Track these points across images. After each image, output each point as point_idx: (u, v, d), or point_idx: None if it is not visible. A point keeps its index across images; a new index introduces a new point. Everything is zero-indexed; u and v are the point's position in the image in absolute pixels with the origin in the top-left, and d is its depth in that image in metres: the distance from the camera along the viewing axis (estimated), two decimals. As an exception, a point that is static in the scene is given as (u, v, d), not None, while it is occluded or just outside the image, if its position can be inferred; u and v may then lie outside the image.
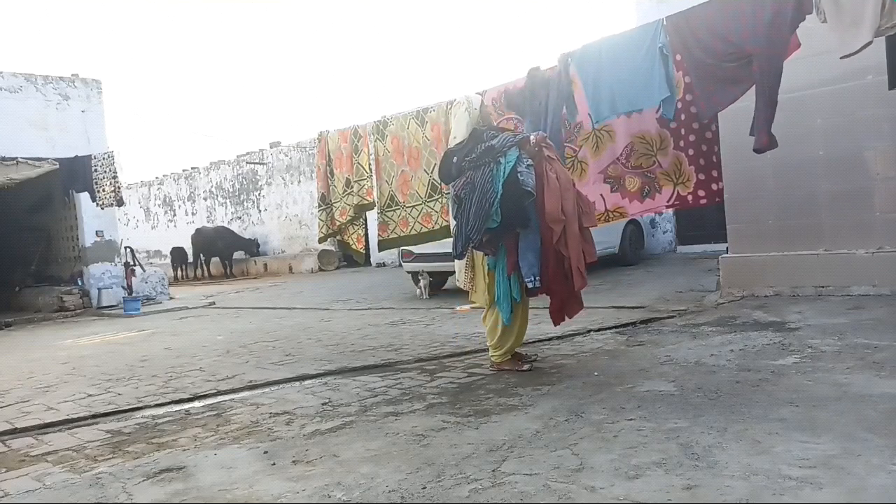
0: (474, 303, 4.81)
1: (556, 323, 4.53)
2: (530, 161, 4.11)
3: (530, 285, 4.19)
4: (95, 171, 11.36)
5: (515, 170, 4.04)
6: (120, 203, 11.46)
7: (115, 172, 11.26)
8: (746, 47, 3.87)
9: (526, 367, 4.43)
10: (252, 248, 20.99)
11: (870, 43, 3.53)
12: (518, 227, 4.12)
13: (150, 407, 4.49)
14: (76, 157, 11.47)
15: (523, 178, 4.05)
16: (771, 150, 6.30)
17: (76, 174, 11.59)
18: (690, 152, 4.83)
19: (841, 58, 3.72)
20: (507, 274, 4.24)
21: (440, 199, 5.80)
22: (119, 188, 11.30)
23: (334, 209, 6.54)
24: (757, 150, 4.00)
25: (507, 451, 2.94)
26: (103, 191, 11.28)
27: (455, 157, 4.27)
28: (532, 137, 4.18)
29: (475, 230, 4.10)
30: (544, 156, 4.15)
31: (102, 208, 11.70)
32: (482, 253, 4.40)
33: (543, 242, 4.13)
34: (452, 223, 5.71)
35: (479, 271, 4.51)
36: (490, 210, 4.05)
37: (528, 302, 4.49)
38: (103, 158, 11.36)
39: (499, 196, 4.01)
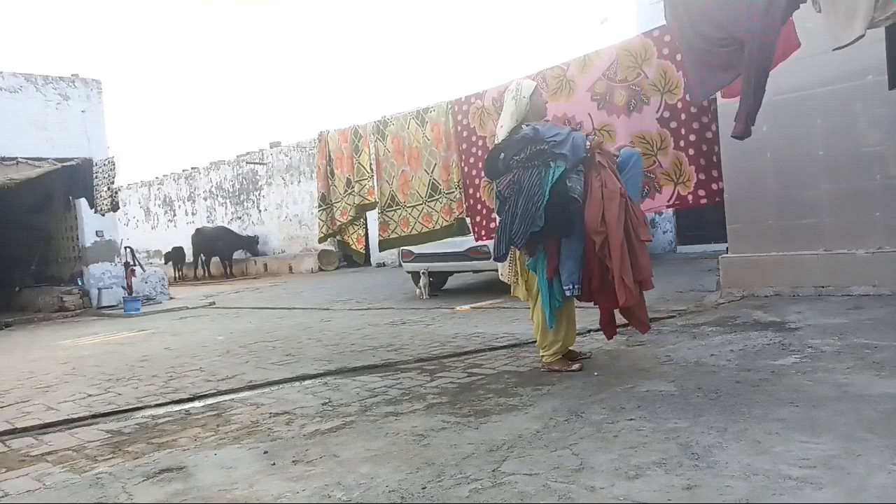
0: (516, 297, 4.68)
1: (607, 336, 4.51)
2: (581, 168, 4.04)
3: (568, 293, 4.11)
4: (96, 177, 11.39)
5: (565, 176, 3.97)
6: (115, 208, 11.47)
7: (112, 179, 11.29)
8: (739, 34, 3.88)
9: (575, 366, 4.31)
10: (252, 245, 20.94)
11: (862, 35, 3.53)
12: (560, 234, 4.04)
13: (150, 407, 4.49)
14: (77, 164, 11.49)
15: (571, 184, 3.98)
16: (770, 150, 6.30)
17: (76, 181, 11.66)
18: (691, 152, 4.83)
19: (833, 49, 3.72)
20: (546, 278, 4.16)
21: (441, 199, 5.80)
22: (116, 193, 11.32)
23: (335, 209, 6.54)
24: (734, 136, 4.02)
25: (507, 451, 2.93)
26: (101, 197, 11.31)
27: (503, 154, 4.14)
28: (587, 143, 4.06)
29: (519, 234, 4.02)
30: (595, 162, 4.04)
31: (103, 214, 11.71)
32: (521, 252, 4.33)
33: (587, 252, 4.05)
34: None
35: (521, 268, 4.44)
36: (535, 214, 3.97)
37: (574, 304, 4.37)
38: (104, 165, 11.38)
39: (545, 201, 3.94)
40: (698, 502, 2.29)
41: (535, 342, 5.47)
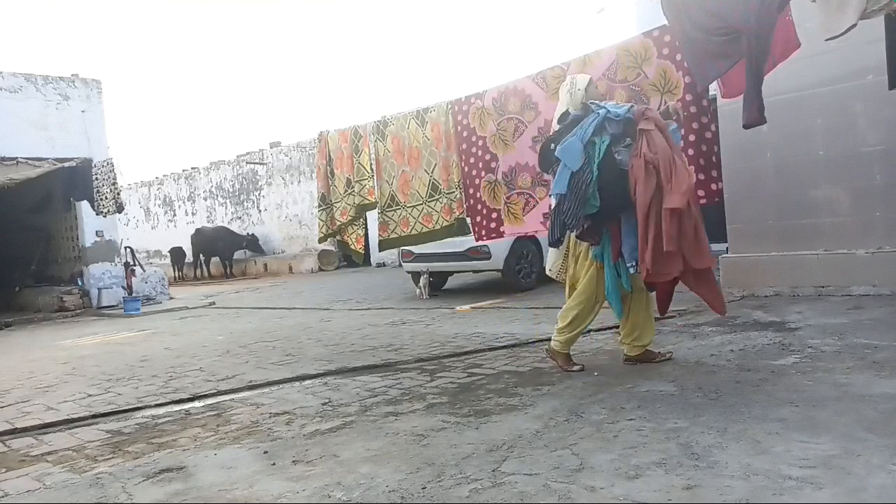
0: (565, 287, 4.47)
1: (660, 310, 4.31)
2: (630, 140, 3.87)
3: (632, 270, 3.97)
4: (96, 178, 11.38)
5: (611, 149, 3.82)
6: (120, 209, 11.46)
7: (114, 179, 11.27)
8: (735, 24, 3.89)
9: (576, 367, 4.25)
10: (253, 244, 20.84)
11: (854, 25, 3.53)
12: (619, 210, 3.88)
13: (150, 407, 4.49)
14: (76, 166, 11.49)
15: (621, 157, 3.84)
16: (770, 150, 6.29)
17: (76, 183, 11.64)
18: (690, 152, 4.82)
19: (826, 40, 3.73)
20: (612, 262, 4.02)
21: (441, 199, 5.80)
22: (119, 194, 11.31)
23: (335, 209, 6.54)
24: (746, 126, 4.01)
25: (507, 451, 2.93)
26: (104, 198, 11.30)
27: (553, 144, 4.05)
28: (630, 112, 3.89)
29: (571, 215, 3.88)
30: (639, 130, 3.86)
31: (106, 216, 11.71)
32: (587, 243, 4.15)
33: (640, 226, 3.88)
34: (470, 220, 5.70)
35: (573, 262, 4.29)
36: (587, 193, 3.83)
37: (644, 296, 4.22)
38: (103, 166, 11.37)
39: (594, 178, 3.80)
40: (698, 502, 2.29)
41: (536, 341, 5.48)
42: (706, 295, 3.98)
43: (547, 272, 4.58)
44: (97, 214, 11.65)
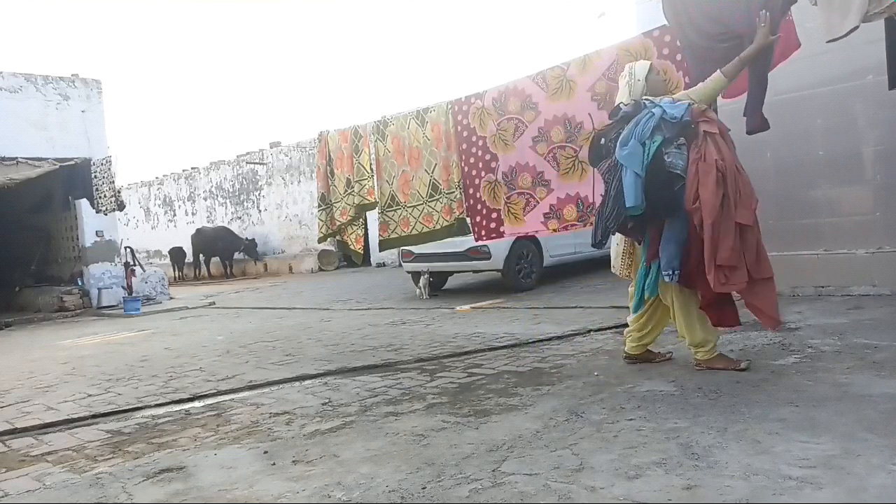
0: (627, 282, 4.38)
1: (711, 319, 3.95)
2: (683, 140, 3.69)
3: (666, 279, 3.79)
4: (95, 177, 11.38)
5: (662, 150, 3.66)
6: (121, 207, 11.46)
7: (112, 177, 11.27)
8: (738, 29, 3.88)
9: (743, 364, 3.91)
10: (251, 249, 20.61)
11: (856, 27, 3.53)
12: (664, 215, 3.73)
13: (150, 407, 4.49)
14: (75, 164, 11.48)
15: (670, 159, 3.67)
16: (770, 150, 6.29)
17: (75, 181, 11.64)
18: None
19: (828, 41, 3.71)
20: (646, 264, 3.93)
21: (441, 199, 5.79)
22: (118, 193, 11.31)
23: (334, 209, 6.53)
24: (749, 132, 4.00)
25: (507, 451, 2.93)
26: (104, 196, 11.29)
27: (603, 139, 3.92)
28: (688, 112, 3.69)
29: (612, 217, 3.75)
30: (700, 132, 3.68)
31: (106, 214, 11.71)
32: (633, 239, 4.08)
33: (691, 232, 3.71)
34: (462, 220, 5.67)
35: (637, 259, 4.20)
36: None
37: (669, 304, 4.04)
38: (102, 164, 11.37)
39: (641, 181, 3.64)
40: (698, 502, 2.29)
41: (536, 341, 5.49)
42: (763, 306, 3.71)
43: (612, 270, 4.48)
44: (97, 212, 11.64)
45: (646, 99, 3.89)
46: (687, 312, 3.97)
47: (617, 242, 4.32)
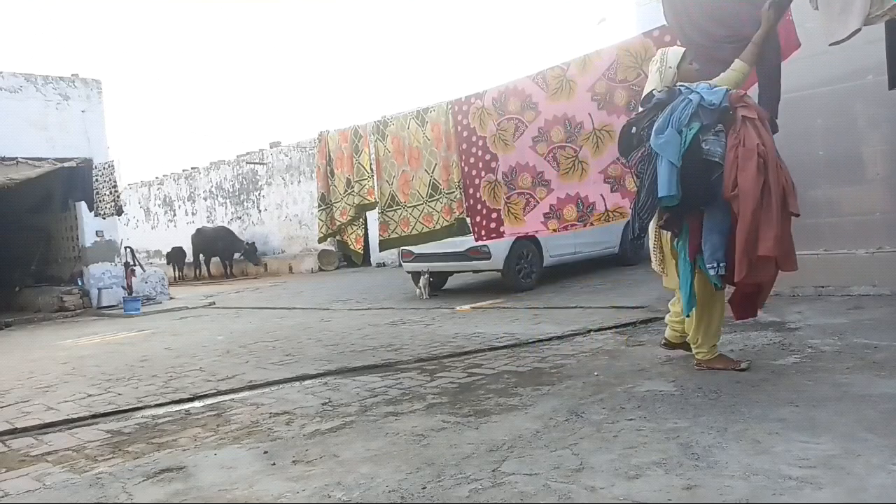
0: (666, 284, 4.24)
1: (735, 317, 3.87)
2: (721, 126, 3.56)
3: (712, 272, 3.62)
4: (96, 180, 11.38)
5: (699, 138, 3.53)
6: (119, 212, 11.45)
7: (114, 182, 11.27)
8: (744, 30, 3.88)
9: (744, 364, 3.91)
10: (250, 253, 20.32)
11: (858, 30, 3.53)
12: (701, 204, 3.59)
13: (150, 407, 4.49)
14: (76, 166, 11.47)
15: (708, 147, 3.53)
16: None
17: (75, 184, 11.65)
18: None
19: (829, 45, 3.70)
20: (688, 258, 3.74)
21: (441, 199, 5.79)
22: (118, 197, 11.31)
23: (334, 209, 6.53)
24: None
25: (507, 451, 2.94)
26: (103, 201, 11.29)
27: (634, 128, 3.78)
28: (726, 97, 3.57)
29: (647, 208, 3.62)
30: (738, 117, 3.54)
31: (104, 218, 11.71)
32: (668, 232, 3.92)
33: (732, 223, 3.55)
34: (460, 220, 5.67)
35: (668, 252, 4.08)
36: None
37: (706, 298, 3.91)
38: (104, 168, 11.37)
39: (676, 170, 3.50)
40: (698, 502, 2.29)
41: (536, 341, 5.48)
42: (760, 301, 3.74)
43: (653, 266, 4.36)
44: (96, 216, 11.66)
45: (681, 85, 3.77)
46: (706, 312, 3.90)
47: (648, 237, 4.16)
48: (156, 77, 62.84)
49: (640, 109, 3.89)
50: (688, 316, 3.92)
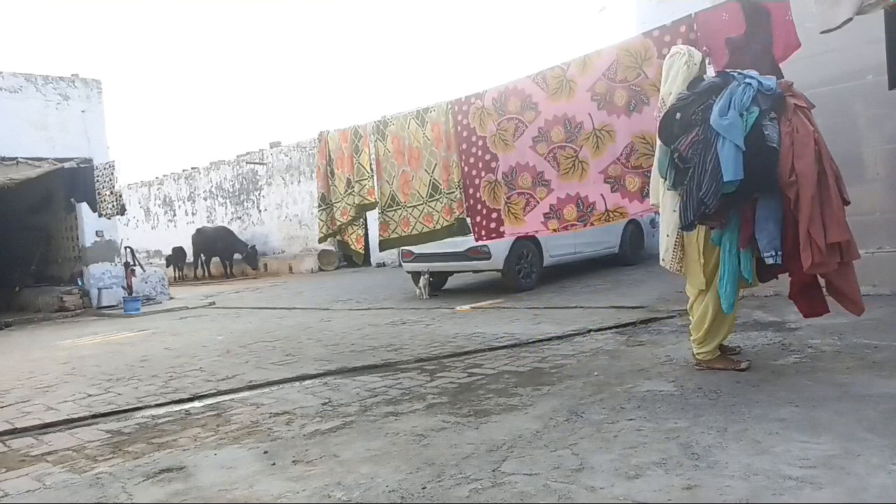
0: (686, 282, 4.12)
1: (801, 310, 3.85)
2: (774, 113, 3.55)
3: (770, 261, 3.55)
4: (97, 180, 11.39)
5: (760, 122, 3.48)
6: (122, 212, 11.46)
7: (114, 182, 11.27)
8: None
9: (743, 364, 3.90)
10: (251, 257, 20.21)
11: (850, 19, 3.53)
12: (763, 189, 3.53)
13: (150, 407, 4.49)
14: (77, 167, 11.48)
15: (768, 132, 3.49)
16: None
17: (76, 184, 11.64)
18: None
19: (821, 32, 3.71)
20: (737, 249, 3.67)
21: (441, 199, 5.80)
22: (119, 196, 11.31)
23: (335, 209, 6.54)
24: None
25: (507, 451, 2.94)
26: (104, 200, 11.30)
27: (679, 114, 3.69)
28: (777, 85, 3.57)
29: (711, 193, 3.47)
30: (790, 105, 3.54)
31: (109, 218, 11.71)
32: (706, 227, 3.81)
33: (784, 211, 3.52)
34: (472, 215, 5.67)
35: (692, 250, 3.93)
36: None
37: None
38: (104, 168, 11.38)
39: (742, 153, 3.43)
40: (698, 502, 2.29)
41: (536, 341, 5.48)
42: (850, 291, 3.58)
43: (661, 263, 4.11)
44: (99, 216, 11.66)
45: (734, 71, 3.73)
46: (717, 311, 3.89)
47: (668, 234, 3.98)
48: (156, 77, 62.84)
49: (685, 94, 3.77)
50: (730, 311, 3.82)
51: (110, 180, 11.27)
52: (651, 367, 4.21)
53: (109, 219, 11.79)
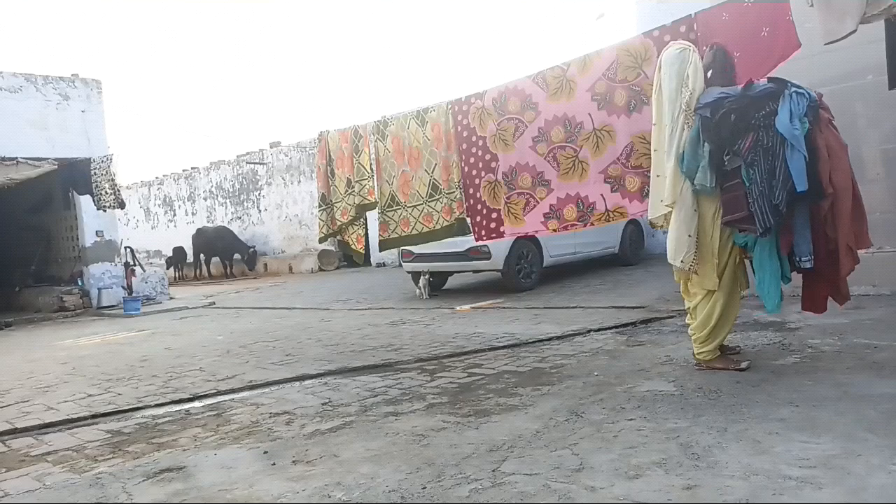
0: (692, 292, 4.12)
1: (818, 311, 3.96)
2: (808, 124, 3.59)
3: (807, 265, 3.68)
4: (94, 173, 11.40)
5: (813, 134, 3.54)
6: (122, 205, 11.48)
7: (112, 176, 11.28)
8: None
9: (744, 364, 3.93)
10: (251, 259, 20.18)
11: (854, 31, 3.53)
12: (813, 200, 3.57)
13: (150, 407, 4.49)
14: (75, 160, 11.49)
15: (818, 144, 3.56)
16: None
17: (76, 178, 11.65)
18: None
19: (825, 44, 3.72)
20: (780, 254, 3.74)
21: (441, 199, 5.80)
22: (119, 191, 11.32)
23: (335, 209, 6.54)
24: None
25: (507, 451, 2.94)
26: (105, 193, 11.32)
27: (734, 116, 3.66)
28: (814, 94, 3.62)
29: (783, 201, 3.51)
30: (823, 116, 3.63)
31: (106, 211, 11.73)
32: (731, 229, 3.83)
33: (812, 218, 3.64)
34: (459, 218, 5.66)
35: (706, 251, 3.90)
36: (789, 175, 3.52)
37: (726, 297, 3.97)
38: (101, 161, 11.39)
39: (807, 163, 3.47)
40: (698, 502, 2.29)
41: (536, 341, 5.48)
42: (841, 284, 3.76)
43: (670, 261, 3.98)
44: (98, 209, 11.66)
45: (790, 83, 3.69)
46: (725, 311, 3.92)
47: (690, 234, 3.87)
48: (156, 77, 62.81)
49: (735, 95, 3.71)
50: (776, 311, 3.89)
51: (108, 173, 11.29)
52: (651, 367, 4.21)
53: (106, 211, 11.79)
